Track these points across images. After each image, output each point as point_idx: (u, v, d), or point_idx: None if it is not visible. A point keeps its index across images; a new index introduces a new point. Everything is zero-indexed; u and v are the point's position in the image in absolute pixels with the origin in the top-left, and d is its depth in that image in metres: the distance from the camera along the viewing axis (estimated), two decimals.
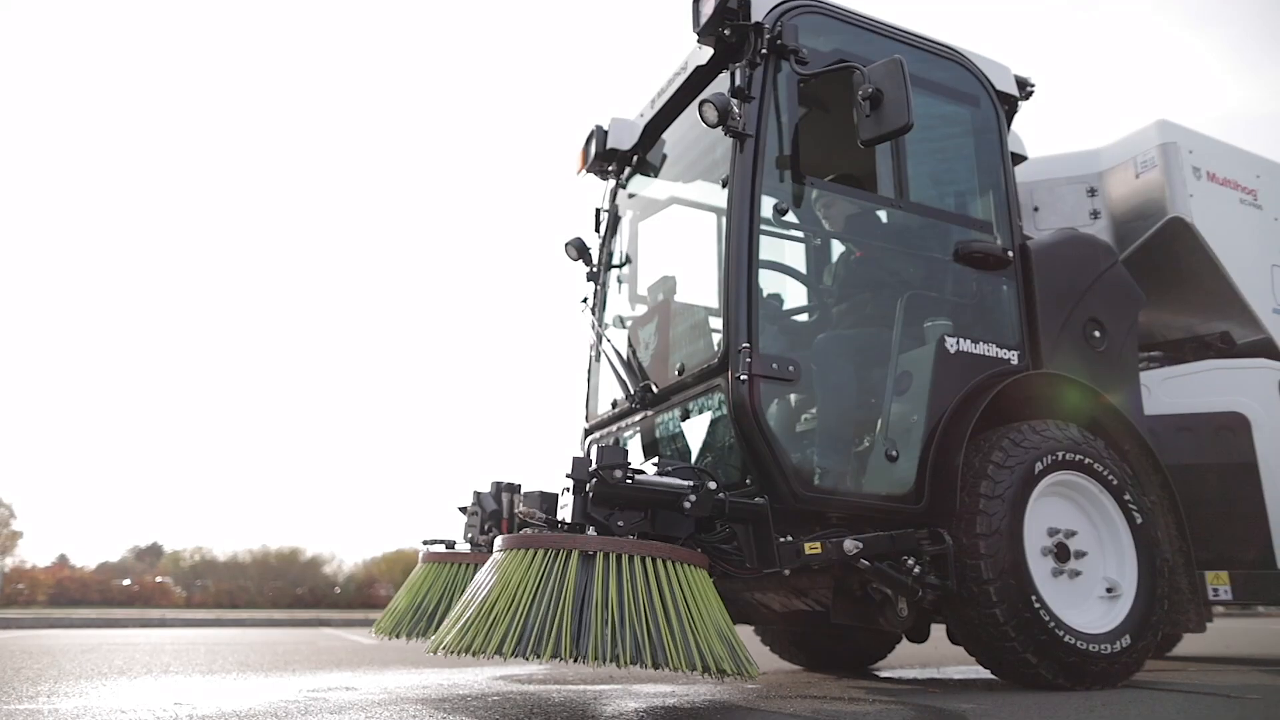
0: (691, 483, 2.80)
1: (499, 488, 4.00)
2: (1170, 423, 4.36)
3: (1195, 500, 4.22)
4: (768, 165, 3.47)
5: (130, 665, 4.80)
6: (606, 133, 4.49)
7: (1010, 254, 3.82)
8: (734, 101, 3.40)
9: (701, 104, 3.38)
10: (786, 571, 3.00)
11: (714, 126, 3.39)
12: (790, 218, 3.59)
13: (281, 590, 24.84)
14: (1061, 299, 3.93)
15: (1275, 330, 4.64)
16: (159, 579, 26.79)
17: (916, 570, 3.19)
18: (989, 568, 3.20)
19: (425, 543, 4.06)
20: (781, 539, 3.00)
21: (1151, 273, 4.61)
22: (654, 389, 3.69)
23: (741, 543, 3.03)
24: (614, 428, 4.07)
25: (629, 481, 2.67)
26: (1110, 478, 3.55)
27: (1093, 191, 4.85)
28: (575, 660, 2.25)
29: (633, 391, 3.79)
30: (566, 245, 4.58)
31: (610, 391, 4.16)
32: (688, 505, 2.75)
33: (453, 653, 2.34)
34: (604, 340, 4.21)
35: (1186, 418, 4.37)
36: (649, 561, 2.49)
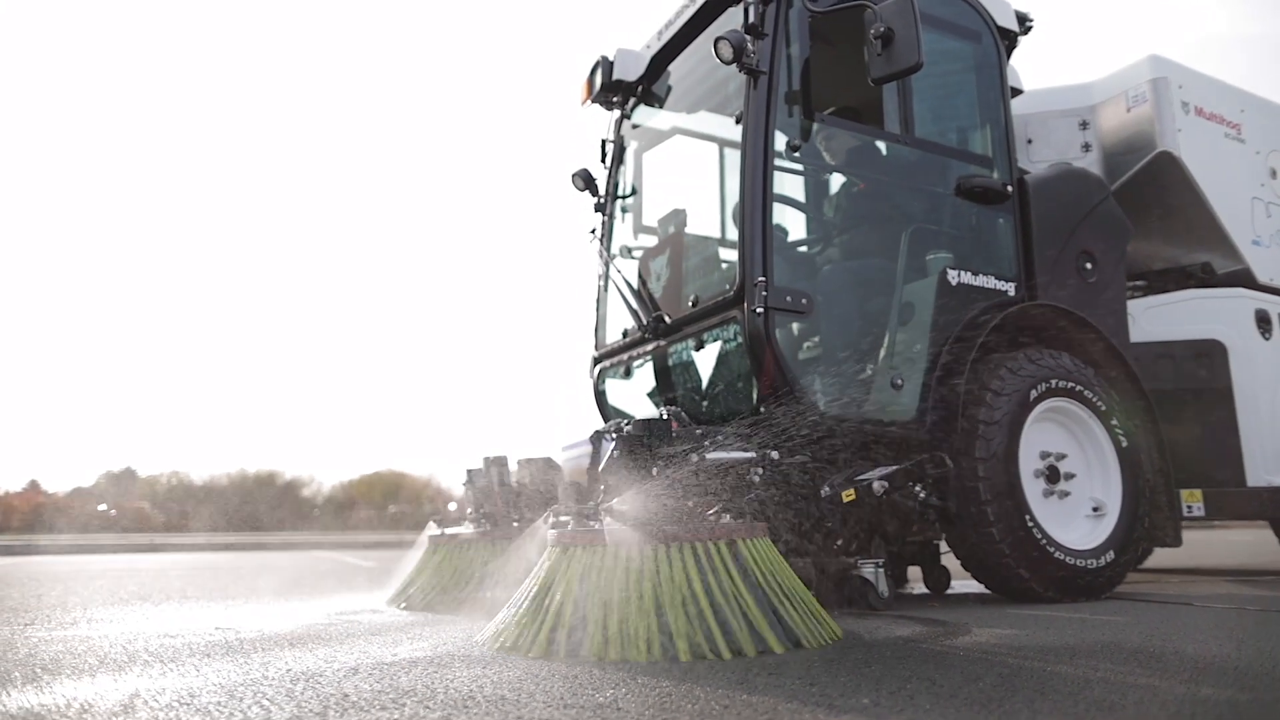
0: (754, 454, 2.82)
1: (488, 463, 4.06)
2: (1152, 350, 4.57)
3: (1173, 423, 4.46)
4: (779, 101, 3.56)
5: (148, 591, 4.88)
6: (612, 64, 4.52)
7: (1009, 188, 3.96)
8: (748, 38, 3.46)
9: (717, 41, 3.44)
10: (830, 524, 3.18)
11: (728, 63, 3.46)
12: (802, 153, 3.68)
13: (261, 513, 25.06)
14: (1056, 232, 4.09)
15: (1254, 261, 4.83)
16: (142, 503, 26.88)
17: (922, 495, 3.39)
18: (987, 489, 3.41)
19: (434, 521, 4.17)
20: (822, 490, 3.17)
21: (1139, 205, 4.76)
22: (667, 319, 3.81)
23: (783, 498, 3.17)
24: (624, 356, 4.20)
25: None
26: (1099, 403, 3.76)
27: (1085, 125, 4.97)
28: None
29: (645, 321, 3.92)
30: (573, 176, 4.63)
31: (619, 321, 4.28)
32: (757, 478, 2.80)
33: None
34: (612, 270, 4.31)
35: (1167, 345, 4.59)
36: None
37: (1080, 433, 3.82)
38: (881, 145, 3.96)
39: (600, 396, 4.44)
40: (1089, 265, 4.15)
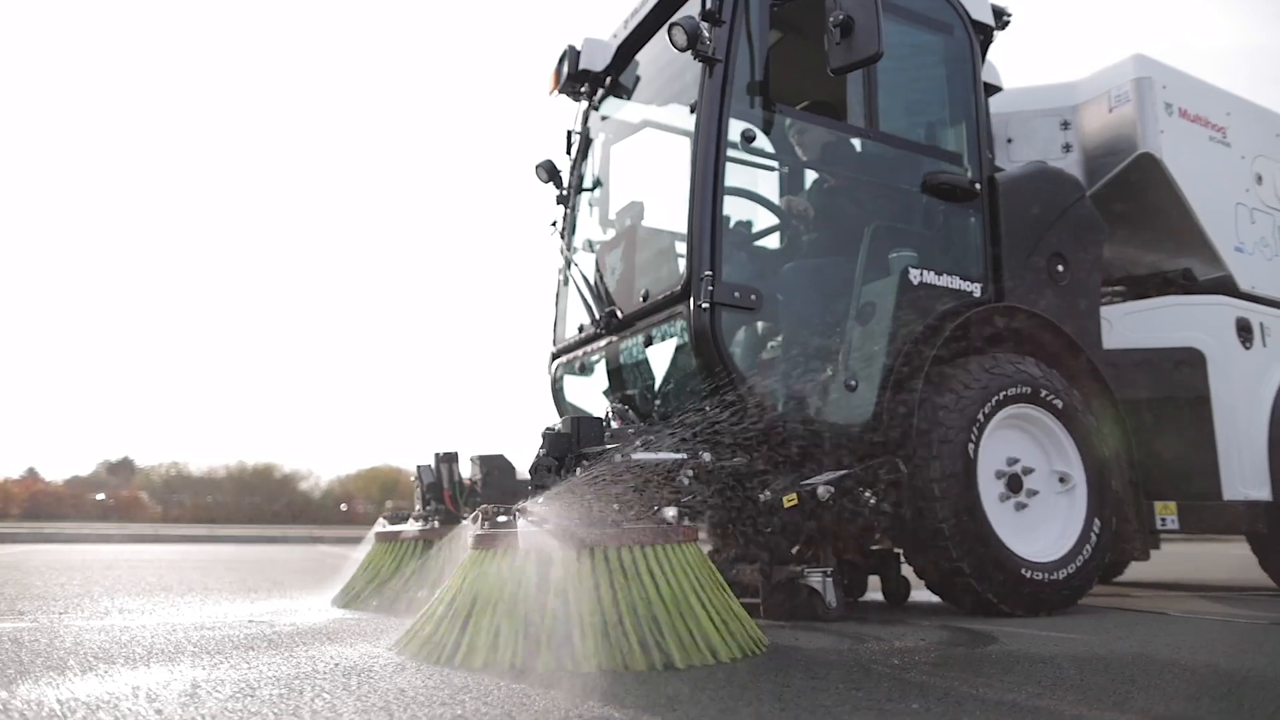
0: (685, 455, 2.73)
1: (438, 459, 3.96)
2: (1130, 357, 4.44)
3: (1150, 432, 4.33)
4: (737, 91, 3.44)
5: (168, 583, 4.84)
6: (579, 53, 4.41)
7: (977, 186, 3.83)
8: (704, 25, 3.35)
9: (670, 27, 3.33)
10: (769, 529, 3.07)
11: (683, 50, 3.35)
12: (758, 145, 3.56)
13: (258, 506, 25.05)
14: (1027, 232, 3.96)
15: (1235, 268, 4.69)
16: (140, 493, 26.91)
17: (873, 502, 3.27)
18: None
19: (384, 518, 4.08)
20: (761, 495, 3.06)
21: (1120, 208, 4.64)
22: (619, 314, 3.70)
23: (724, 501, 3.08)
24: (580, 352, 4.10)
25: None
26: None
27: (1066, 125, 4.83)
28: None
29: (598, 316, 3.81)
30: (537, 167, 4.53)
31: (578, 316, 4.17)
32: (686, 481, 2.71)
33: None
34: (572, 264, 4.21)
35: (1145, 352, 4.45)
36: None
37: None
38: (844, 139, 3.84)
39: (558, 394, 4.34)
40: (1061, 268, 4.02)
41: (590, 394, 4.10)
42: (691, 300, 3.22)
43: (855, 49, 3.20)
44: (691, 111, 3.45)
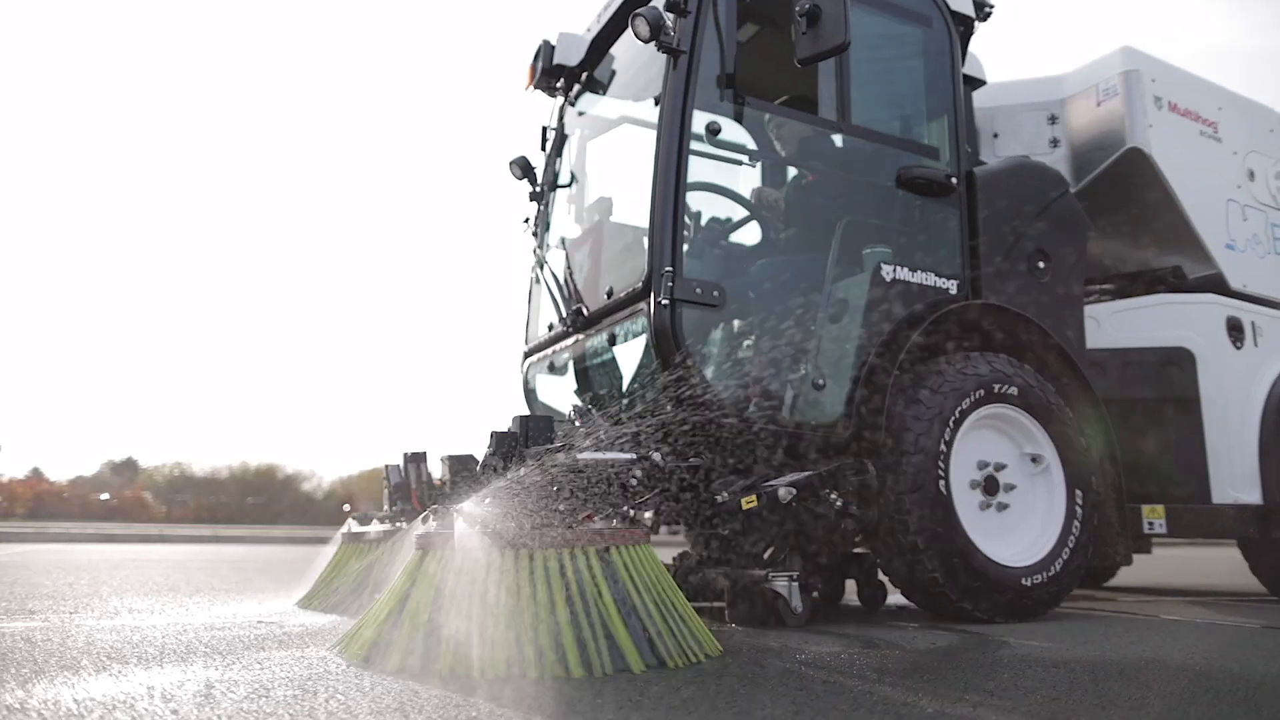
0: (634, 456, 2.66)
1: (406, 459, 3.87)
2: (1117, 356, 4.34)
3: (1137, 434, 4.23)
4: (703, 82, 3.35)
5: (175, 583, 4.82)
6: (554, 48, 4.34)
7: (953, 180, 3.73)
8: (668, 16, 3.27)
9: (634, 17, 3.25)
10: (725, 531, 2.98)
11: (646, 41, 3.26)
12: (727, 139, 3.48)
13: (263, 507, 25.07)
14: (1007, 228, 3.86)
15: (1226, 266, 4.58)
16: (144, 493, 26.96)
17: (839, 504, 3.17)
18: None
19: (353, 518, 4.01)
20: (718, 496, 2.97)
21: (1108, 204, 4.54)
22: (584, 311, 3.62)
23: (680, 503, 2.99)
24: (549, 351, 4.02)
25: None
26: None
27: (1054, 119, 4.73)
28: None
29: (565, 314, 3.74)
30: (511, 164, 4.45)
31: (549, 314, 4.10)
32: (634, 482, 2.65)
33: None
34: (544, 262, 4.13)
35: (1133, 351, 4.35)
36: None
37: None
38: (819, 133, 3.75)
39: (530, 394, 4.26)
40: (1042, 264, 3.92)
41: (562, 393, 4.02)
42: (652, 296, 3.13)
43: (822, 39, 3.12)
44: (655, 104, 3.37)
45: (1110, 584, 6.01)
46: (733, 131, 3.55)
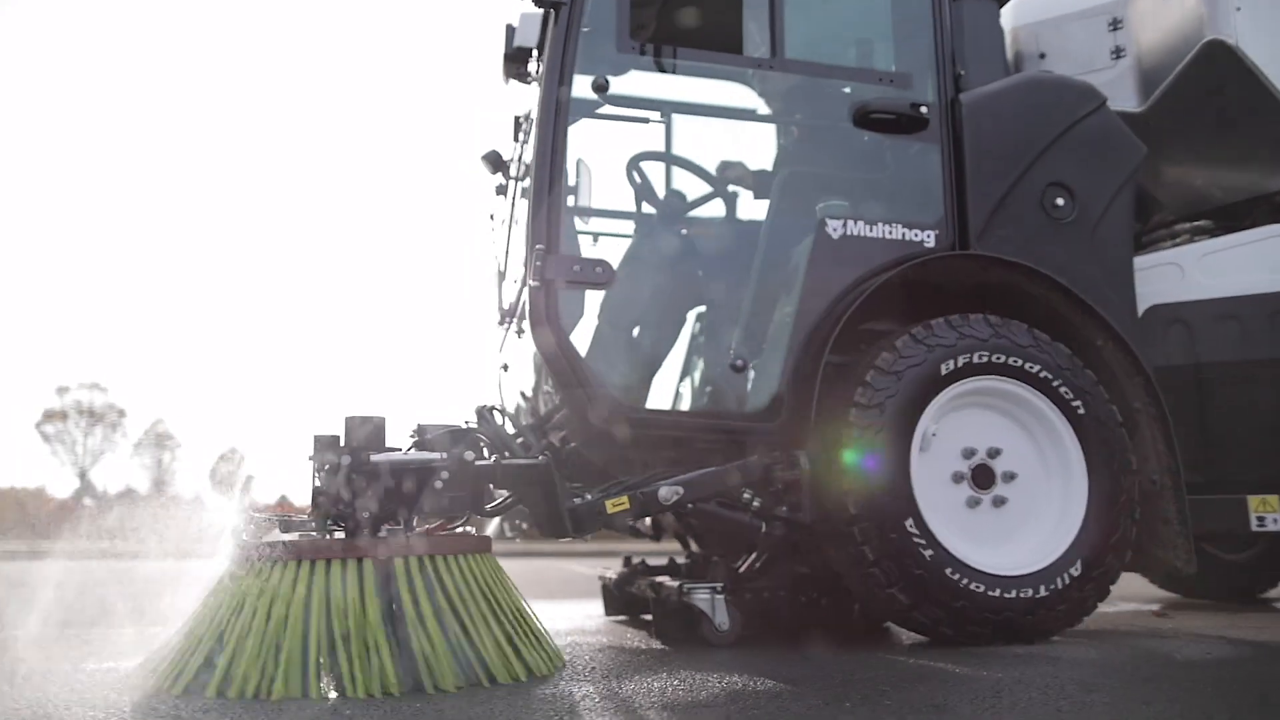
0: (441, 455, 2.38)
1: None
2: (1208, 309, 3.45)
3: (1239, 407, 3.35)
4: (595, 36, 2.97)
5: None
6: (515, 29, 4.06)
7: (924, 110, 3.08)
8: None
9: None
10: (588, 537, 2.61)
11: None
12: (621, 93, 3.05)
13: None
14: (1007, 161, 3.14)
15: None
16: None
17: (756, 504, 2.67)
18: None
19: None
20: (576, 499, 2.58)
21: (1187, 118, 3.64)
22: (503, 303, 3.33)
23: (530, 508, 2.66)
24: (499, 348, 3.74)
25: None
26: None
27: (1115, 24, 3.85)
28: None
29: (501, 307, 3.46)
30: (482, 158, 4.20)
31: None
32: (440, 484, 2.37)
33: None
34: (508, 255, 3.86)
35: (1232, 301, 3.44)
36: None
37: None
38: (748, 74, 3.22)
39: (497, 391, 4.00)
40: (1060, 201, 3.16)
41: (511, 391, 3.73)
42: (525, 277, 2.78)
43: None
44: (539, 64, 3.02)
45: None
46: (638, 87, 3.12)
